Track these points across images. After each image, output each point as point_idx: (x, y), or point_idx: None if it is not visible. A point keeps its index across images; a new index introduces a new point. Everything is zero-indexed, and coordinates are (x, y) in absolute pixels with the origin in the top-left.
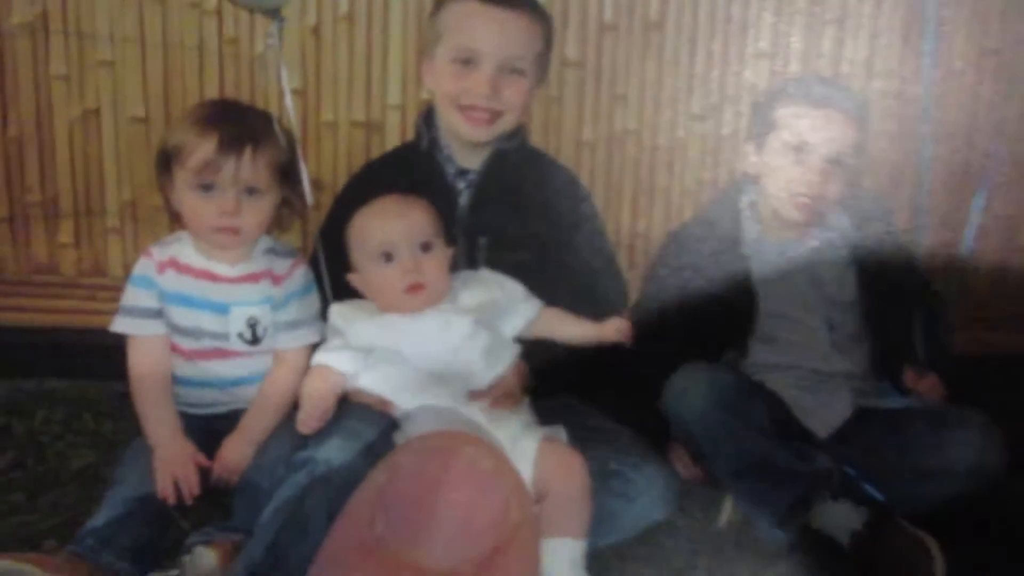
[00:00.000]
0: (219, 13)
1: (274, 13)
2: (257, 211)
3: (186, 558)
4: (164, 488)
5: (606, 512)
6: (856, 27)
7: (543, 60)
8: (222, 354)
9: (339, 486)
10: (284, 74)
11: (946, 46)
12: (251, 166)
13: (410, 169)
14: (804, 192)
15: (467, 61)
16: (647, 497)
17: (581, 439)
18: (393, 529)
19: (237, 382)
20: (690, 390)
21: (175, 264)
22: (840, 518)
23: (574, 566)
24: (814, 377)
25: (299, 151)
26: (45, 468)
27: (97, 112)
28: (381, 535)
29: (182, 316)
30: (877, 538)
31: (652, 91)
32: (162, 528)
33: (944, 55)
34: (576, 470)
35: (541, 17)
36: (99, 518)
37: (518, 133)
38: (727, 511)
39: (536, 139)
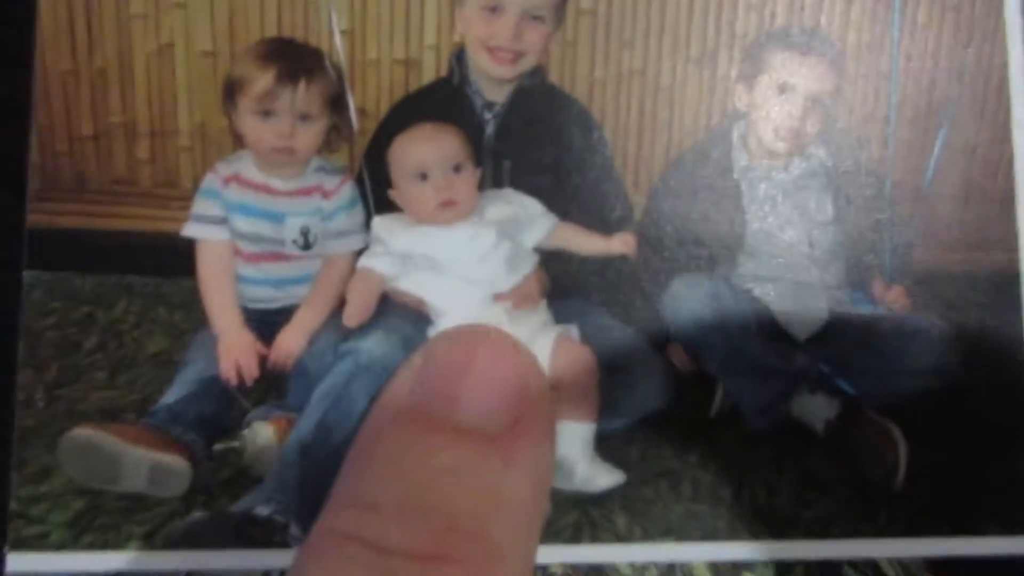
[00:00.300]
0: None
1: None
2: (309, 135)
3: (245, 432)
4: (227, 371)
5: (612, 400)
6: None
7: (560, 9)
8: (278, 257)
9: (379, 373)
10: (334, 17)
11: (912, 2)
12: (304, 96)
13: (443, 101)
14: (787, 127)
15: (494, 9)
16: (647, 387)
17: (591, 336)
18: (429, 398)
19: (291, 281)
20: (686, 296)
21: (238, 179)
22: (816, 409)
23: (585, 444)
24: (795, 287)
25: (347, 84)
26: (124, 352)
27: (171, 47)
28: (418, 403)
29: (243, 224)
30: (848, 426)
31: (655, 37)
32: (225, 405)
33: (910, 10)
34: (586, 363)
35: None
36: (170, 396)
37: (538, 72)
38: (717, 401)
39: (554, 77)
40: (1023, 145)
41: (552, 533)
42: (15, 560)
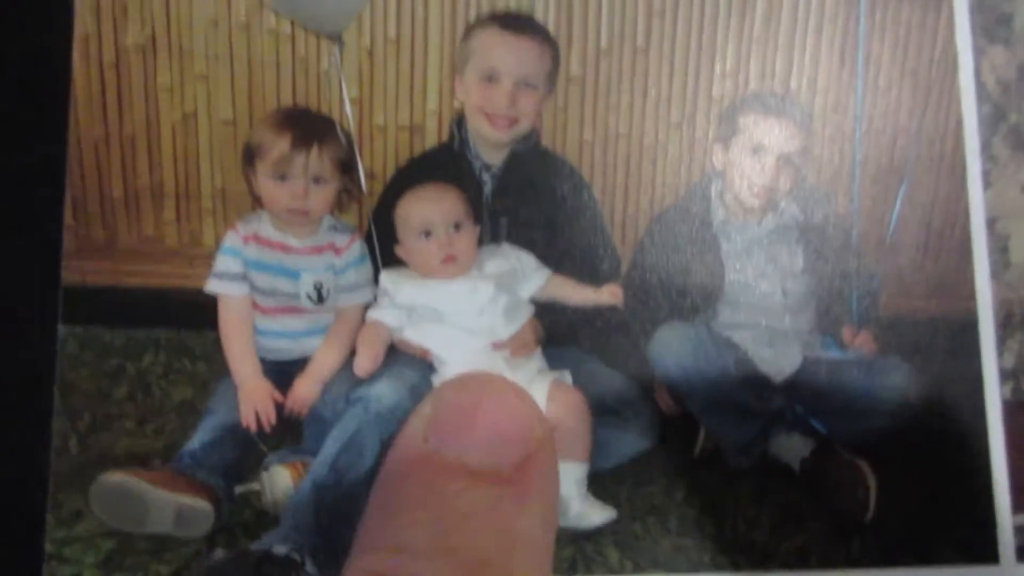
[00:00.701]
0: (293, 37)
1: (336, 37)
2: (322, 196)
3: (264, 475)
4: (247, 418)
5: (603, 441)
6: (801, 53)
7: (552, 77)
8: (294, 311)
9: (388, 418)
10: (344, 86)
11: (874, 68)
12: (317, 160)
13: (445, 164)
14: (760, 184)
15: (491, 78)
16: (636, 429)
17: (583, 381)
18: (442, 444)
19: (306, 333)
20: (671, 342)
21: (256, 237)
22: (792, 447)
23: (579, 483)
24: (770, 333)
25: (356, 148)
26: (151, 401)
27: (195, 115)
28: (433, 449)
29: (261, 279)
30: (822, 463)
31: (639, 103)
32: (245, 450)
33: (871, 76)
34: (580, 407)
35: (550, 43)
36: (194, 442)
37: (531, 135)
38: (701, 441)
39: (546, 140)
40: (978, 200)
41: None
42: None
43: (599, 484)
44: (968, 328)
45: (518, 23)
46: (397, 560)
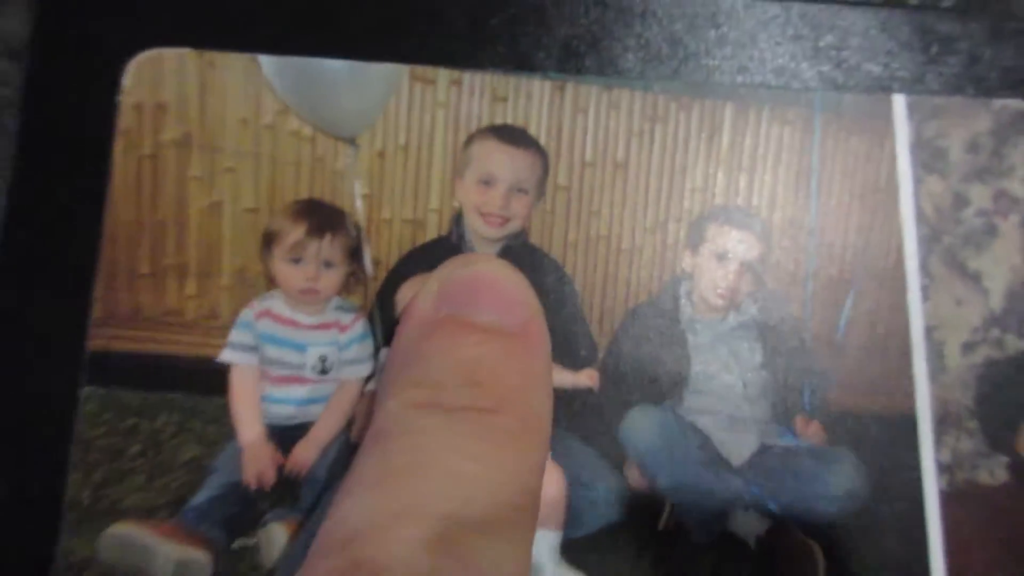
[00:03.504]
0: (312, 139)
1: (351, 141)
2: (331, 279)
3: (261, 531)
4: (249, 478)
5: (576, 512)
6: (762, 174)
7: (542, 184)
8: (299, 380)
9: None
10: (356, 184)
11: (825, 191)
12: (329, 247)
13: (443, 254)
14: (724, 287)
15: (487, 182)
16: (606, 502)
17: (559, 456)
18: (455, 307)
19: (308, 401)
20: (641, 424)
21: (269, 313)
22: (748, 525)
23: (553, 550)
24: (730, 420)
25: (364, 238)
26: (161, 458)
27: (221, 204)
28: (445, 314)
29: (271, 351)
30: (776, 541)
31: (618, 210)
32: (245, 507)
33: (824, 197)
34: (556, 479)
35: (541, 154)
36: (199, 497)
37: (521, 234)
38: (666, 516)
39: (534, 238)
40: (917, 311)
41: None
42: None
43: (571, 551)
44: (907, 424)
45: (513, 135)
46: (433, 391)
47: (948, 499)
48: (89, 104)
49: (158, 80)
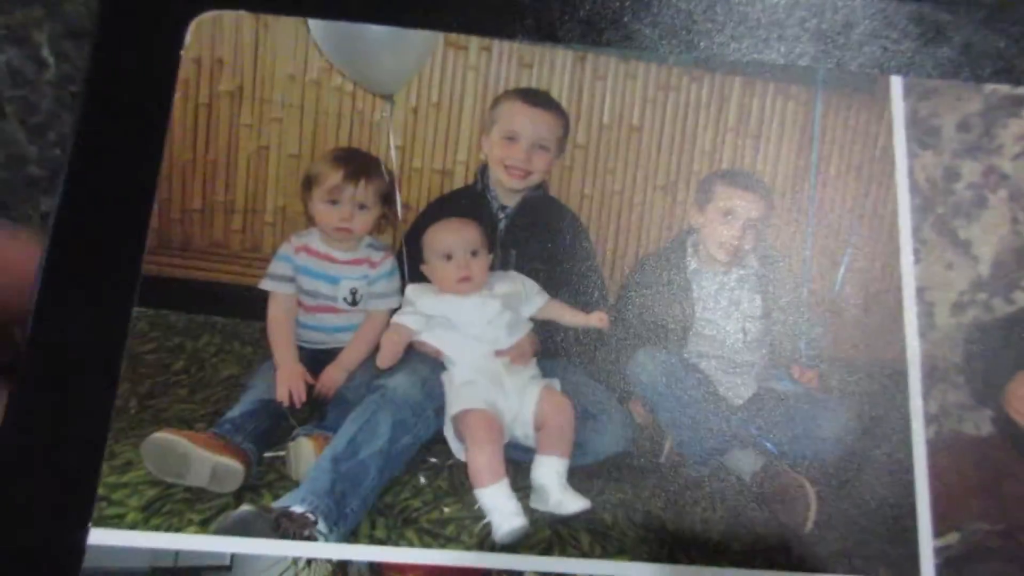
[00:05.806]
0: (353, 95)
1: (388, 98)
2: (365, 220)
3: (291, 444)
4: (282, 395)
5: (583, 442)
6: (767, 142)
7: (562, 142)
8: (331, 310)
9: (401, 405)
10: (391, 135)
11: (825, 161)
12: (363, 191)
13: (468, 202)
14: (728, 242)
15: (511, 138)
16: (611, 434)
17: (570, 389)
18: None
19: (339, 329)
20: (647, 364)
21: (307, 248)
22: (744, 462)
23: (559, 475)
24: (731, 364)
25: (396, 184)
26: (203, 375)
27: (267, 149)
28: None
29: (307, 282)
30: (769, 478)
31: (631, 168)
32: (277, 422)
33: (824, 166)
34: (565, 409)
35: (562, 115)
36: (235, 411)
37: (541, 186)
38: (667, 450)
39: (553, 191)
40: (909, 272)
41: (528, 546)
42: (96, 535)
43: (577, 478)
44: (898, 376)
45: (537, 97)
46: None
47: (935, 447)
48: (155, 57)
49: (217, 38)
